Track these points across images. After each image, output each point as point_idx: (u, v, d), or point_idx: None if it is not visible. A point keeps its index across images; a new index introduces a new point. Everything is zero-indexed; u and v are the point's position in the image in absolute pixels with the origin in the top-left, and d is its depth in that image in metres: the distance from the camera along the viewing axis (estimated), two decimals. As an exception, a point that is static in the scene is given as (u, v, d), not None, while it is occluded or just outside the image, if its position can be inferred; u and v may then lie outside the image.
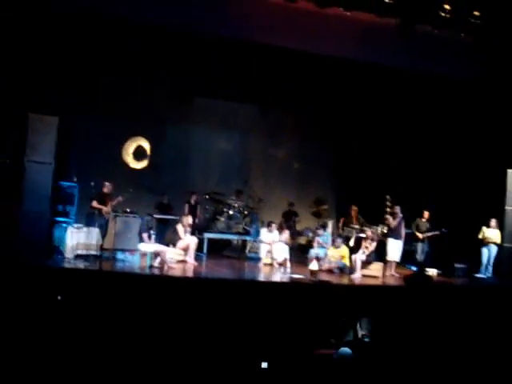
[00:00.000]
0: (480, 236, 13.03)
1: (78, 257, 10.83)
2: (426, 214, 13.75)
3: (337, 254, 12.53)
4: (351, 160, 16.30)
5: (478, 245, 13.06)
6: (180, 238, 11.81)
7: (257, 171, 16.29)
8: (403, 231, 12.75)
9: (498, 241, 12.92)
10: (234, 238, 14.31)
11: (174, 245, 11.89)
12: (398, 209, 12.67)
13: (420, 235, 13.63)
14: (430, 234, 13.69)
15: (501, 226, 12.93)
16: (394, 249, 12.61)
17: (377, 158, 15.69)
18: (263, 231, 12.95)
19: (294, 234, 14.61)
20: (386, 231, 13.34)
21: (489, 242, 13.01)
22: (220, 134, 16.06)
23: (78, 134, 13.57)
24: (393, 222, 12.59)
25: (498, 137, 13.14)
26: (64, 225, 11.16)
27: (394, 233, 12.63)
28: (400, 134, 15.32)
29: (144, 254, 10.90)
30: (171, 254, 11.48)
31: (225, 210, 14.30)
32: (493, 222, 12.98)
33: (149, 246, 10.84)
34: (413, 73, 12.47)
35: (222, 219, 14.12)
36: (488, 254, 13.01)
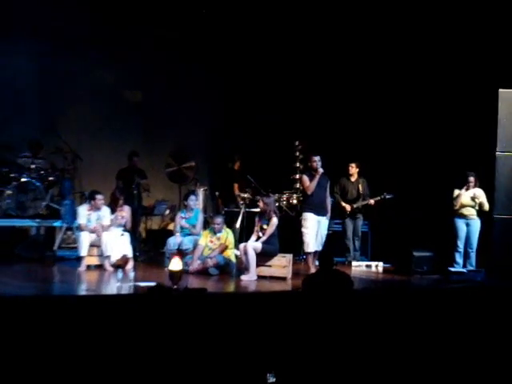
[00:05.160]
0: (455, 205, 9.26)
1: None
2: (354, 166, 10.42)
3: (215, 242, 10.04)
4: (238, 86, 13.00)
5: (450, 218, 9.54)
6: None
7: (69, 106, 12.83)
8: (329, 199, 9.57)
9: (485, 208, 9.25)
10: (31, 224, 11.65)
11: None
12: (317, 160, 9.21)
13: (347, 206, 10.31)
14: (364, 202, 10.39)
15: (488, 184, 9.21)
16: (312, 229, 9.35)
17: (278, 82, 12.45)
18: (82, 210, 10.45)
19: (139, 212, 11.70)
20: (295, 200, 10.61)
21: (466, 214, 9.33)
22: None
23: None
24: (309, 184, 9.20)
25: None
26: None
27: (309, 203, 9.39)
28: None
29: None
30: None
31: (12, 175, 11.36)
32: (471, 178, 9.22)
33: None
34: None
35: (9, 193, 11.27)
36: (467, 231, 9.39)
